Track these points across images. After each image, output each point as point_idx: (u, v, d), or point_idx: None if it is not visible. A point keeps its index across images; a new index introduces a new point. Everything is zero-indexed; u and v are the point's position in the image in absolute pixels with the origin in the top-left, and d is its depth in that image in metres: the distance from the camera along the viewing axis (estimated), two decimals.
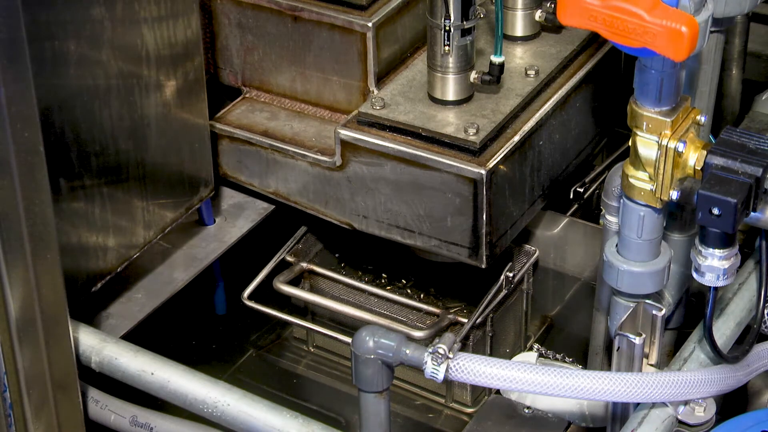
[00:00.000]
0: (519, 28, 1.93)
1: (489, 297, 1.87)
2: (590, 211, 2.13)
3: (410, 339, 1.60)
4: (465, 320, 1.86)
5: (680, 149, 1.39)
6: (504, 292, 1.89)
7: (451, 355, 1.45)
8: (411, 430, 1.93)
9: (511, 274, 1.90)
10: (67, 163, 1.67)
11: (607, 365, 1.74)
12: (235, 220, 1.99)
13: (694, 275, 1.44)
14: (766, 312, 1.63)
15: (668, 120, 1.39)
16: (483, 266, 1.79)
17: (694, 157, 1.40)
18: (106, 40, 1.66)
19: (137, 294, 1.93)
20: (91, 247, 1.76)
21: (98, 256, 1.77)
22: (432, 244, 1.81)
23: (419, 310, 1.95)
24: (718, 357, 1.53)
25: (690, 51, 1.25)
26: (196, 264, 1.95)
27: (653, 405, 1.52)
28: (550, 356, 1.95)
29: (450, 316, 1.90)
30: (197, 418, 1.66)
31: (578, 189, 2.05)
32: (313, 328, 1.98)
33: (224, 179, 1.97)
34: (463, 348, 1.83)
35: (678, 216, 1.68)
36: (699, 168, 1.40)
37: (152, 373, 1.66)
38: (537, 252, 1.97)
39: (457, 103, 1.80)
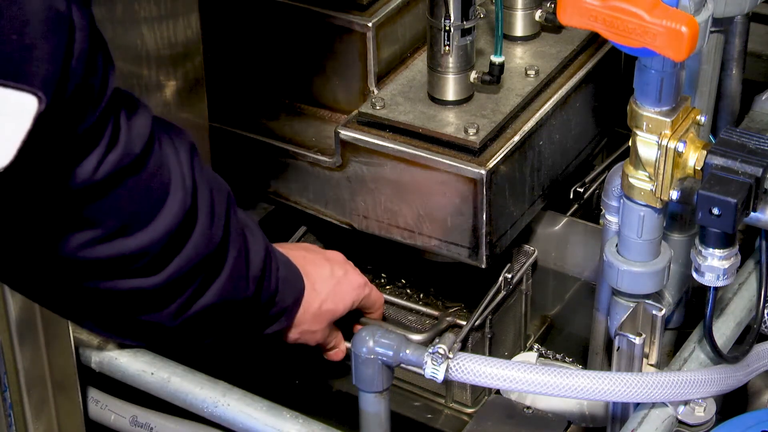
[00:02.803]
0: (519, 28, 1.93)
1: (488, 299, 1.85)
2: (590, 211, 2.13)
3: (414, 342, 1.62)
4: (464, 322, 1.85)
5: (680, 149, 1.39)
6: (503, 293, 1.88)
7: (451, 356, 1.45)
8: (411, 430, 1.92)
9: (509, 275, 1.88)
10: None
11: (607, 365, 1.74)
12: None
13: (694, 275, 1.44)
14: (766, 312, 1.63)
15: (668, 120, 1.39)
16: (483, 266, 1.79)
17: (694, 157, 1.40)
18: (106, 41, 1.66)
19: None
20: None
21: None
22: (432, 244, 1.81)
23: (418, 312, 1.95)
24: (718, 357, 1.53)
25: (690, 51, 1.25)
26: None
27: (653, 405, 1.52)
28: (550, 356, 1.95)
29: (449, 319, 1.89)
30: (197, 417, 1.66)
31: (578, 189, 2.05)
32: None
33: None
34: (462, 350, 1.84)
35: (678, 216, 1.68)
36: (699, 168, 1.39)
37: (152, 373, 1.66)
38: (536, 252, 1.95)
39: (457, 103, 1.80)
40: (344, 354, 1.75)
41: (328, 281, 1.64)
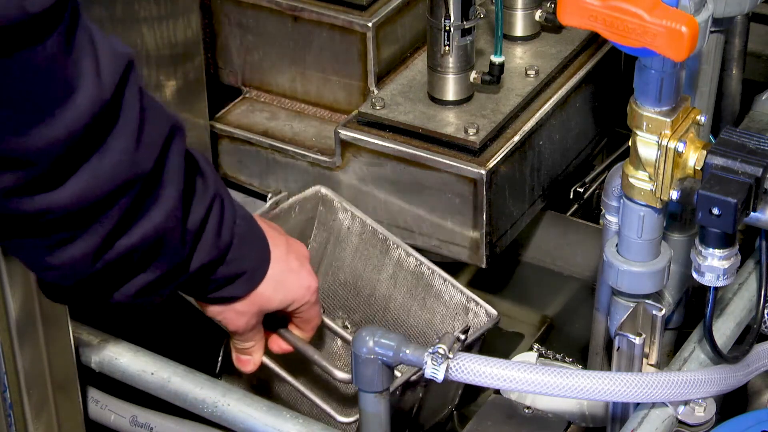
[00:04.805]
0: (519, 28, 1.93)
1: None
2: (590, 211, 2.13)
3: (333, 378, 1.57)
4: (398, 373, 1.62)
5: (680, 149, 1.39)
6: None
7: (451, 355, 1.45)
8: None
9: (463, 336, 1.60)
10: None
11: (607, 365, 1.74)
12: None
13: (694, 275, 1.44)
14: (766, 312, 1.63)
15: (668, 120, 1.39)
16: (483, 266, 1.79)
17: (694, 157, 1.40)
18: None
19: None
20: None
21: None
22: (432, 244, 1.81)
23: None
24: (718, 357, 1.53)
25: (690, 51, 1.25)
26: None
27: (653, 405, 1.52)
28: (550, 356, 1.95)
29: None
30: (197, 417, 1.66)
31: (578, 189, 2.05)
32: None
33: (224, 179, 1.97)
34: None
35: (678, 216, 1.68)
36: (699, 168, 1.39)
37: (152, 373, 1.66)
38: (499, 318, 1.77)
39: (457, 103, 1.80)
40: (256, 367, 1.56)
41: (278, 265, 1.44)
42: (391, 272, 1.84)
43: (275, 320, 1.55)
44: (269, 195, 1.84)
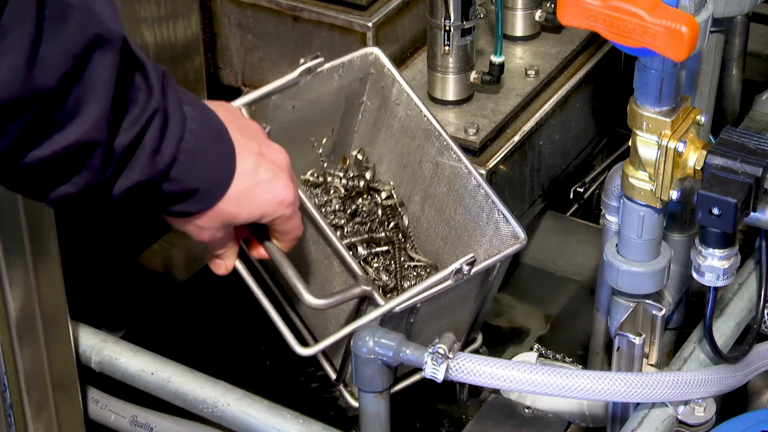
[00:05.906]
0: (519, 28, 1.93)
1: (424, 285, 1.52)
2: (590, 211, 2.13)
3: (302, 301, 1.45)
4: (381, 301, 1.52)
5: (680, 149, 1.39)
6: (448, 282, 1.52)
7: (451, 355, 1.45)
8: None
9: (467, 268, 1.51)
10: None
11: (607, 365, 1.74)
12: None
13: (694, 275, 1.44)
14: (766, 312, 1.63)
15: (668, 120, 1.39)
16: None
17: (694, 157, 1.40)
18: None
19: (137, 294, 1.93)
20: None
21: None
22: None
23: (345, 263, 1.58)
24: (718, 357, 1.53)
25: (690, 51, 1.25)
26: (196, 264, 1.95)
27: (653, 405, 1.52)
28: (550, 356, 1.95)
29: (366, 288, 1.52)
30: (197, 417, 1.66)
31: (578, 189, 2.05)
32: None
33: None
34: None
35: (678, 216, 1.68)
36: (699, 168, 1.40)
37: (152, 373, 1.66)
38: (522, 241, 1.61)
39: (457, 103, 1.80)
40: (228, 272, 1.45)
41: (245, 178, 1.32)
42: (433, 155, 1.70)
43: (259, 226, 1.42)
44: (301, 60, 1.66)
